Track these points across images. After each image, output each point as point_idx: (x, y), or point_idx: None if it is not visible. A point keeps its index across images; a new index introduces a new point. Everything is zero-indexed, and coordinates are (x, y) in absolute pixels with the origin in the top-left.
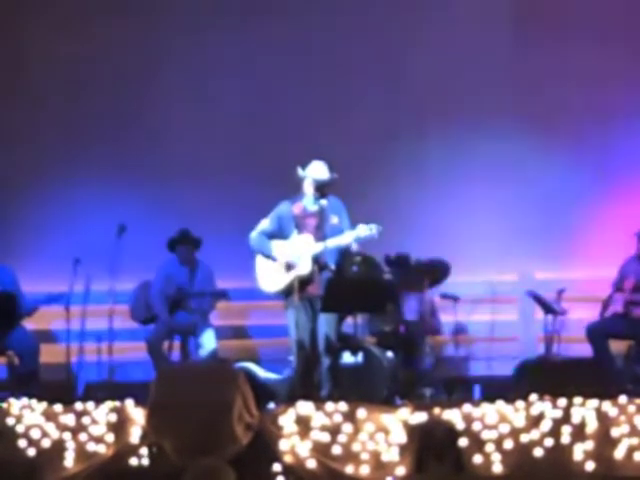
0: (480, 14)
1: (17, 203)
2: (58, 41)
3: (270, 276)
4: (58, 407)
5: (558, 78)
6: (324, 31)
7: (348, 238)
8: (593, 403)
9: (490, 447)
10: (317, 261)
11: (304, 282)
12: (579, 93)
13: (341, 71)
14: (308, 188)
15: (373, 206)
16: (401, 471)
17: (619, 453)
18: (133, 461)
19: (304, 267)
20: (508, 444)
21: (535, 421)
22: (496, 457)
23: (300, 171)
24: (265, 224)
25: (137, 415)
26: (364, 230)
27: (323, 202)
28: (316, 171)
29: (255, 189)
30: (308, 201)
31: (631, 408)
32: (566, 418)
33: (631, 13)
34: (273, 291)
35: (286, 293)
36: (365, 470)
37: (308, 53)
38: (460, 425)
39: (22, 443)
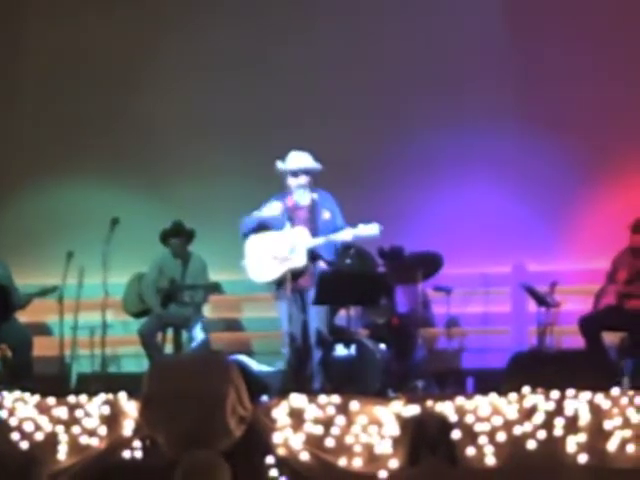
0: (473, 11)
1: (10, 197)
2: (52, 36)
3: (262, 266)
4: (51, 400)
5: (554, 76)
6: (324, 30)
7: (349, 235)
8: (586, 395)
9: (483, 439)
10: (312, 254)
11: (296, 274)
12: (576, 90)
13: (339, 69)
14: (292, 181)
15: (367, 199)
16: (394, 464)
17: (612, 445)
18: (126, 454)
19: (299, 259)
20: (501, 436)
21: (528, 413)
22: (489, 449)
23: (280, 164)
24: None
25: (130, 408)
26: (366, 229)
27: (314, 195)
28: (294, 160)
29: (248, 182)
30: (298, 195)
31: (624, 400)
32: (559, 410)
33: (630, 9)
34: (264, 281)
35: (277, 283)
36: (358, 462)
37: (307, 48)
38: (453, 417)
39: (15, 436)
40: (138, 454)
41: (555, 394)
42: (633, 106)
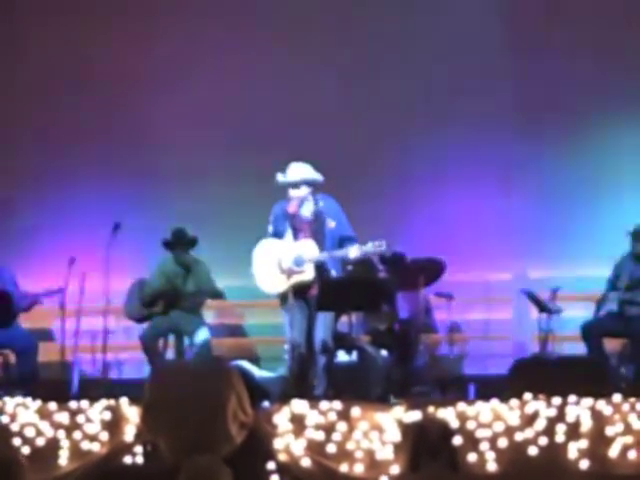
0: (472, 13)
1: (13, 202)
2: (52, 40)
3: (268, 277)
4: (52, 405)
5: (553, 76)
6: (318, 32)
7: (355, 252)
8: (587, 402)
9: (484, 446)
10: (319, 268)
11: (304, 287)
12: (575, 92)
13: (339, 70)
14: (293, 192)
15: (370, 205)
16: (395, 470)
17: (613, 451)
18: (127, 459)
19: (306, 274)
20: (502, 443)
21: (529, 420)
22: (490, 456)
23: (280, 177)
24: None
25: (131, 413)
26: (374, 247)
27: (319, 204)
28: (294, 171)
29: (251, 187)
30: (302, 207)
31: (625, 407)
32: (560, 417)
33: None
34: (270, 292)
35: (284, 295)
36: (359, 469)
37: (307, 50)
38: (454, 424)
39: (16, 441)
40: (139, 459)
41: (557, 400)
42: (635, 107)
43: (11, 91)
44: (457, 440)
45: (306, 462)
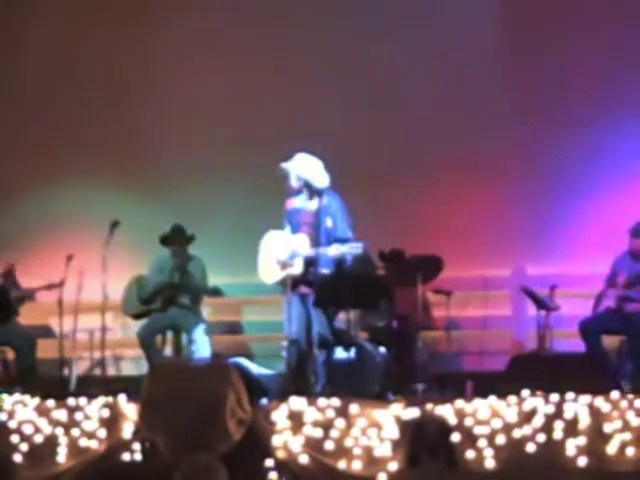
0: (473, 13)
1: (11, 200)
2: (52, 38)
3: (266, 266)
4: (51, 402)
5: (551, 75)
6: (318, 29)
7: (333, 251)
8: (585, 399)
9: (482, 442)
10: (307, 264)
11: (296, 281)
12: (573, 90)
13: (340, 69)
14: (294, 182)
15: (368, 202)
16: (393, 466)
17: (611, 448)
18: (125, 456)
19: (295, 268)
20: (500, 439)
21: (527, 416)
22: (488, 452)
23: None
24: None
25: (130, 410)
26: (350, 248)
27: (323, 201)
28: (288, 162)
29: (248, 185)
30: (301, 199)
31: (623, 403)
32: (558, 413)
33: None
34: (266, 281)
35: (281, 284)
36: (357, 465)
37: (307, 48)
38: (452, 420)
39: (14, 438)
40: (137, 456)
41: (555, 397)
42: (635, 106)
43: (10, 91)
44: (455, 437)
45: (304, 459)
